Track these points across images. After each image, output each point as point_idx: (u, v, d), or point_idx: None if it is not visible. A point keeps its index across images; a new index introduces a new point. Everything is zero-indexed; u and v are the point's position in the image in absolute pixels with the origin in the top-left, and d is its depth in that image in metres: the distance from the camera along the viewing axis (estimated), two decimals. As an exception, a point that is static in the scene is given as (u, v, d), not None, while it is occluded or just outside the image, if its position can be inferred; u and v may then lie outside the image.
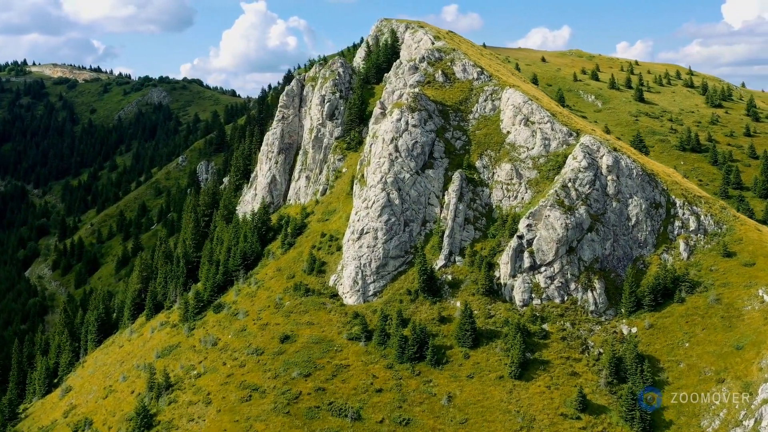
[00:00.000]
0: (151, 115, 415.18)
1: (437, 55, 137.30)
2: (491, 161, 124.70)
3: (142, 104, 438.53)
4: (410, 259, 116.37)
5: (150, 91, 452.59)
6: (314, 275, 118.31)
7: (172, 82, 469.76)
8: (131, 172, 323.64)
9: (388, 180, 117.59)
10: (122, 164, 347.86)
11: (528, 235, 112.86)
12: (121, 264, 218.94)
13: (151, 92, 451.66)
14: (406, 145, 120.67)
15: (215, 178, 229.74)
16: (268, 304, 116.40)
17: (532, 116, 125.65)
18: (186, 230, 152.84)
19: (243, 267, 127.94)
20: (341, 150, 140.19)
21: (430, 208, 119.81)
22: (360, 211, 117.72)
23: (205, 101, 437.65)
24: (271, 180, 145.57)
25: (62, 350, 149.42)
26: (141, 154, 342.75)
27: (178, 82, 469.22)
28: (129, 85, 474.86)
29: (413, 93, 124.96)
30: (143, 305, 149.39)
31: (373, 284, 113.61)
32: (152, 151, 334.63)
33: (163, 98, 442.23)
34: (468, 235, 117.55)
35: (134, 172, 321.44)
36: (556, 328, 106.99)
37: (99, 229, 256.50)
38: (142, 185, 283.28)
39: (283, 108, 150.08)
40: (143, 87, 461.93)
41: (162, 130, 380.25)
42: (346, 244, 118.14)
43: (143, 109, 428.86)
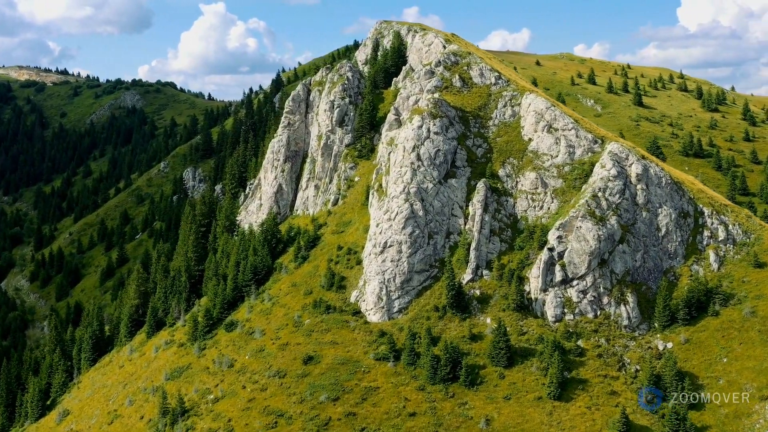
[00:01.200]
0: (125, 119, 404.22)
1: (453, 59, 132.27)
2: (514, 170, 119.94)
3: (115, 108, 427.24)
4: (435, 273, 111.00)
5: (123, 95, 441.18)
6: (334, 291, 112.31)
7: (145, 85, 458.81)
8: (108, 179, 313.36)
9: (411, 190, 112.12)
10: (98, 170, 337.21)
11: (559, 247, 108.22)
12: (105, 275, 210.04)
13: (123, 95, 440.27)
14: (429, 154, 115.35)
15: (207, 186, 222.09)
16: (286, 323, 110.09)
17: (556, 123, 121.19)
18: (186, 242, 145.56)
19: (254, 282, 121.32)
20: (352, 158, 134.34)
21: (454, 220, 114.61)
22: (382, 223, 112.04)
23: (181, 105, 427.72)
24: (278, 189, 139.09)
25: (54, 370, 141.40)
26: (118, 160, 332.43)
27: (152, 85, 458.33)
28: (100, 88, 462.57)
29: (433, 99, 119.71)
30: (141, 321, 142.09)
31: (397, 300, 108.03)
32: (130, 156, 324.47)
33: (136, 102, 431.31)
34: (494, 248, 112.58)
35: (112, 178, 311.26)
36: (591, 345, 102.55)
37: (79, 238, 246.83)
38: (123, 192, 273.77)
39: (288, 114, 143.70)
40: (115, 90, 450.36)
41: (138, 134, 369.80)
42: (367, 257, 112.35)
43: (116, 113, 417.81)
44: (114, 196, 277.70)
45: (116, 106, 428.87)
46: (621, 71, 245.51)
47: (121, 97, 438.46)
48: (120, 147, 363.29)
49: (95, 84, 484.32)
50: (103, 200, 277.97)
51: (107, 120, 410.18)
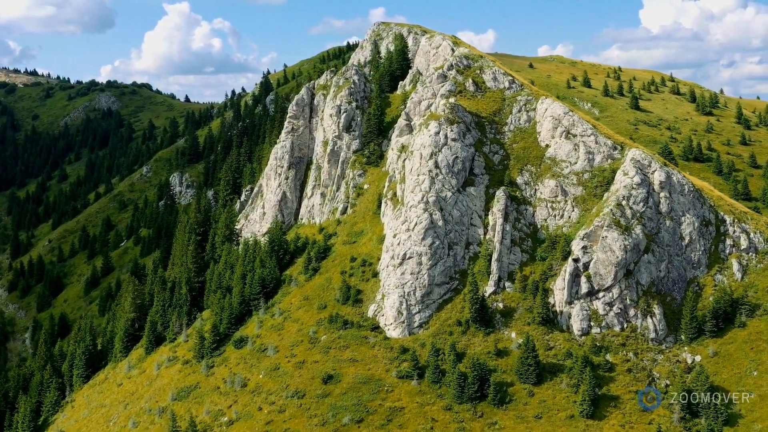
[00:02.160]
0: (100, 122, 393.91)
1: (465, 63, 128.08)
2: (532, 177, 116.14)
3: (90, 110, 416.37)
4: (455, 285, 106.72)
5: (97, 96, 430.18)
6: (350, 305, 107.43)
7: (120, 86, 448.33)
8: (86, 183, 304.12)
9: (430, 199, 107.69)
10: (74, 174, 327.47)
11: (584, 258, 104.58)
12: (90, 285, 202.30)
13: (98, 97, 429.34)
14: (447, 161, 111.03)
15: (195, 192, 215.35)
16: (301, 339, 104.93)
17: (574, 128, 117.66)
18: (184, 252, 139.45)
19: (263, 295, 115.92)
20: (360, 164, 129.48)
21: (473, 229, 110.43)
22: (400, 234, 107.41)
23: (158, 107, 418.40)
24: (282, 197, 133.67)
25: (46, 387, 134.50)
26: (96, 164, 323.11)
27: (127, 87, 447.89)
28: (74, 90, 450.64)
29: (450, 104, 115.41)
30: (137, 336, 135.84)
31: (418, 315, 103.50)
32: (109, 160, 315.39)
33: (112, 103, 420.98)
34: (515, 258, 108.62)
35: (90, 182, 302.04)
36: (619, 359, 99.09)
37: (59, 245, 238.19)
38: (104, 198, 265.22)
39: (292, 119, 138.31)
40: (90, 92, 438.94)
41: (115, 137, 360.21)
42: (384, 270, 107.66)
43: (91, 115, 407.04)
44: (94, 202, 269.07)
45: (91, 108, 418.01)
46: (613, 74, 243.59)
47: (95, 98, 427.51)
48: (97, 150, 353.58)
49: (68, 85, 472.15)
50: (82, 206, 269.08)
51: (82, 122, 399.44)
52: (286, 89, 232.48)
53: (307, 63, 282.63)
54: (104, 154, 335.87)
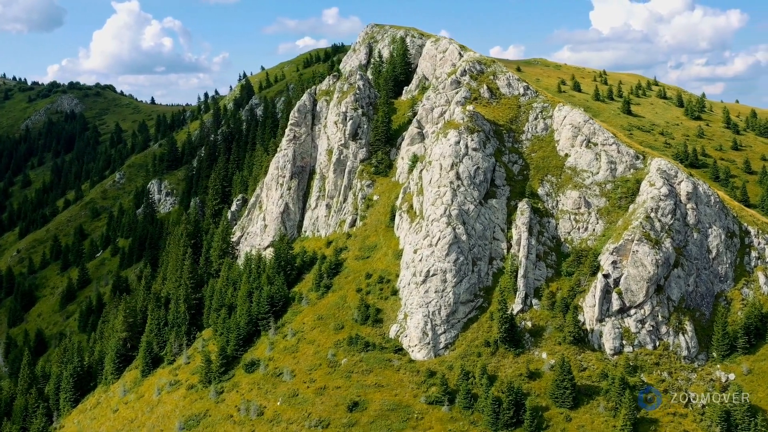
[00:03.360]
0: (63, 125, 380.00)
1: (478, 68, 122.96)
2: (553, 188, 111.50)
3: (52, 112, 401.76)
4: (480, 303, 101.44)
5: (59, 98, 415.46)
6: (369, 325, 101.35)
7: (83, 88, 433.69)
8: (53, 189, 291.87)
9: (452, 212, 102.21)
10: (39, 180, 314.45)
11: (614, 273, 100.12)
12: (66, 298, 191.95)
13: (60, 99, 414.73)
14: (468, 172, 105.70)
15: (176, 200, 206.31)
16: (319, 362, 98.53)
17: (595, 137, 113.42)
18: (179, 267, 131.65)
19: (272, 314, 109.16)
20: (369, 174, 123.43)
21: (496, 243, 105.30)
22: (421, 250, 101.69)
23: (123, 109, 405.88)
24: (284, 209, 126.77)
25: (31, 413, 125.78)
26: (62, 169, 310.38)
27: (91, 89, 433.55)
28: (34, 92, 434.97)
29: (469, 112, 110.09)
30: (130, 356, 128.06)
31: (444, 335, 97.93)
32: (77, 165, 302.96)
33: (75, 106, 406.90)
34: (540, 274, 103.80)
35: (57, 189, 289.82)
36: (654, 380, 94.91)
37: (29, 256, 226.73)
38: (74, 205, 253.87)
39: (294, 126, 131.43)
40: (51, 93, 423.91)
41: (81, 141, 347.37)
42: (405, 288, 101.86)
43: (54, 118, 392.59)
44: (64, 209, 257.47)
45: (53, 110, 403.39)
46: (599, 78, 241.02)
47: (57, 101, 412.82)
48: (63, 155, 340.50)
49: (27, 87, 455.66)
50: (51, 213, 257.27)
51: (44, 125, 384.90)
52: (271, 93, 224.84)
53: (288, 65, 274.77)
54: (70, 158, 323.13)
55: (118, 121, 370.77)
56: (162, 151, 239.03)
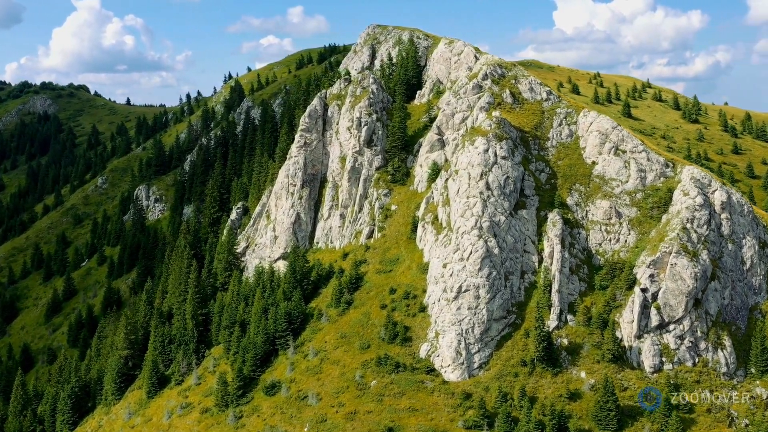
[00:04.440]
0: (37, 126, 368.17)
1: (500, 72, 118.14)
2: (582, 197, 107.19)
3: (24, 113, 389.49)
4: (513, 320, 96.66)
5: (31, 99, 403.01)
6: (398, 344, 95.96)
7: (57, 88, 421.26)
8: (29, 194, 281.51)
9: (484, 225, 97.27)
10: (13, 184, 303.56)
11: (651, 287, 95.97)
12: (51, 310, 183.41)
13: (32, 100, 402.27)
14: (498, 182, 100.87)
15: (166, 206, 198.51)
16: (346, 384, 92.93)
17: (623, 144, 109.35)
18: (183, 281, 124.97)
19: (290, 332, 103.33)
20: (385, 183, 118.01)
21: (527, 256, 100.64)
22: (452, 264, 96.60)
23: (99, 110, 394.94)
24: (296, 219, 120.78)
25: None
26: (38, 173, 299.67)
27: (64, 89, 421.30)
28: (4, 92, 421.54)
29: (497, 118, 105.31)
30: (132, 376, 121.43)
31: (477, 354, 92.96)
32: (54, 169, 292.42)
33: (48, 107, 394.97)
34: (574, 288, 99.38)
35: (34, 193, 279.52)
36: (696, 398, 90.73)
37: (9, 265, 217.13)
38: (54, 211, 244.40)
39: (304, 132, 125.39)
40: (23, 94, 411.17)
41: (57, 143, 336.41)
42: (435, 304, 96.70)
43: (26, 119, 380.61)
44: (43, 215, 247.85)
45: (25, 111, 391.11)
46: (595, 80, 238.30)
47: (29, 101, 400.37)
48: (39, 158, 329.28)
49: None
50: (30, 220, 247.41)
51: (15, 127, 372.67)
52: (265, 95, 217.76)
53: (278, 66, 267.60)
54: (47, 162, 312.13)
55: (95, 122, 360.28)
56: (148, 155, 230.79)
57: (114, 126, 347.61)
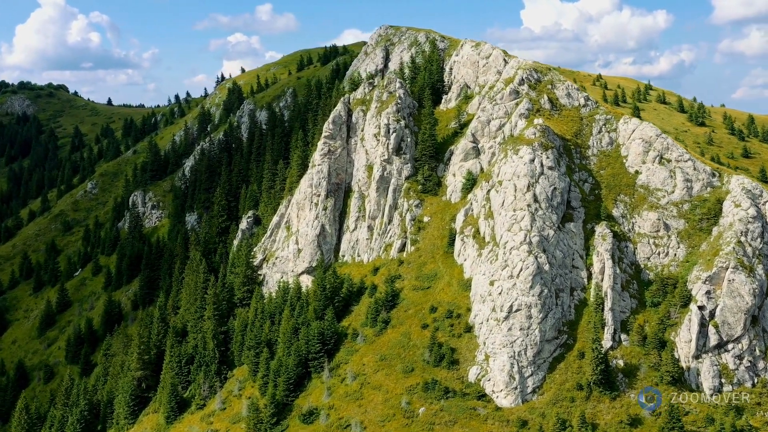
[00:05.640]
0: (15, 128, 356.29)
1: (536, 77, 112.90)
2: (627, 209, 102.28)
3: (2, 114, 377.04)
4: (564, 340, 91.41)
5: (8, 99, 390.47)
6: (444, 368, 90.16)
7: (35, 88, 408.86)
8: (12, 199, 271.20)
9: (533, 239, 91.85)
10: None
11: (709, 304, 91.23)
12: (45, 323, 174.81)
13: (10, 100, 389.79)
14: (545, 194, 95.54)
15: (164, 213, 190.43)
16: (392, 412, 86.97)
17: (668, 153, 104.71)
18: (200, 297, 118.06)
19: (324, 353, 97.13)
20: (416, 193, 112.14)
21: (576, 272, 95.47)
22: (500, 282, 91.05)
23: (80, 111, 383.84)
24: (320, 231, 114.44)
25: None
26: (20, 176, 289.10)
27: (43, 89, 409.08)
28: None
29: (540, 126, 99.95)
30: (145, 398, 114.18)
31: (531, 378, 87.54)
32: (38, 173, 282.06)
33: (27, 107, 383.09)
34: (625, 305, 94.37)
35: (17, 198, 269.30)
36: (759, 422, 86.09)
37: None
38: (41, 217, 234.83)
39: (328, 139, 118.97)
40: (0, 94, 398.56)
41: (38, 146, 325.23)
42: (484, 324, 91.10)
43: (4, 120, 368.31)
44: (29, 222, 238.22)
45: (3, 112, 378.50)
46: (599, 82, 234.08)
47: (7, 102, 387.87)
48: (21, 160, 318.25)
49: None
50: (15, 226, 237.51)
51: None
52: (267, 97, 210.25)
53: (275, 67, 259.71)
54: (30, 165, 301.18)
55: (77, 124, 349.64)
56: (142, 159, 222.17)
57: (98, 127, 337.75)
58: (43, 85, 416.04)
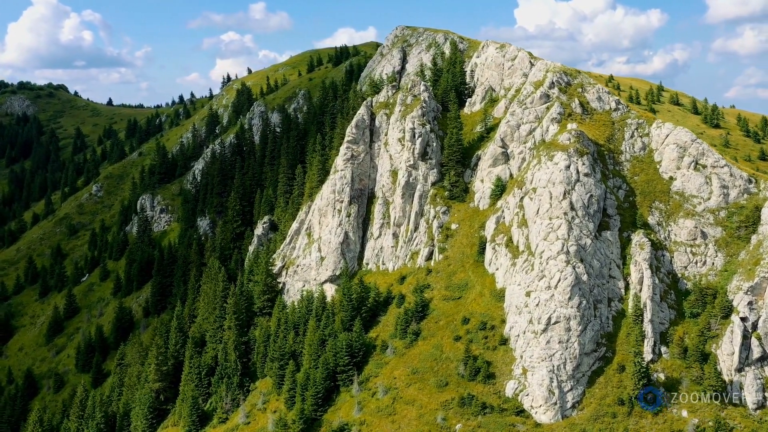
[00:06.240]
0: (15, 128, 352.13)
1: (566, 80, 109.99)
2: (663, 216, 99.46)
3: (1, 115, 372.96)
4: (603, 353, 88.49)
5: (8, 99, 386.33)
6: (480, 382, 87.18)
7: (35, 88, 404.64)
8: (14, 201, 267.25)
9: (570, 249, 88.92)
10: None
11: (751, 316, 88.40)
12: (53, 330, 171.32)
13: (9, 100, 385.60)
14: (582, 201, 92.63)
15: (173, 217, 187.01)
16: (427, 428, 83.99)
17: (704, 158, 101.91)
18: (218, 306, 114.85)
19: (353, 366, 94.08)
20: (443, 199, 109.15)
21: (612, 282, 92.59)
22: (537, 293, 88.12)
23: (80, 111, 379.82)
24: (344, 239, 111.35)
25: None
26: (22, 178, 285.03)
27: (43, 89, 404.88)
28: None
29: (575, 131, 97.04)
30: (164, 411, 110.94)
31: (570, 393, 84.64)
32: (41, 175, 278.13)
33: (26, 108, 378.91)
34: (664, 316, 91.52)
35: (19, 201, 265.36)
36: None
37: (1, 280, 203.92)
38: (45, 220, 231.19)
39: (351, 144, 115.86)
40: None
41: (39, 147, 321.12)
42: (520, 336, 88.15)
43: (4, 121, 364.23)
44: (33, 225, 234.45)
45: (2, 112, 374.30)
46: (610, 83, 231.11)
47: (6, 102, 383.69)
48: (22, 162, 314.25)
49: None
50: (19, 230, 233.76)
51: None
52: (278, 99, 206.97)
53: (283, 68, 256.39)
54: (32, 167, 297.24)
55: (78, 125, 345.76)
56: (148, 161, 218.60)
57: (99, 128, 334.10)
58: (42, 85, 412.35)
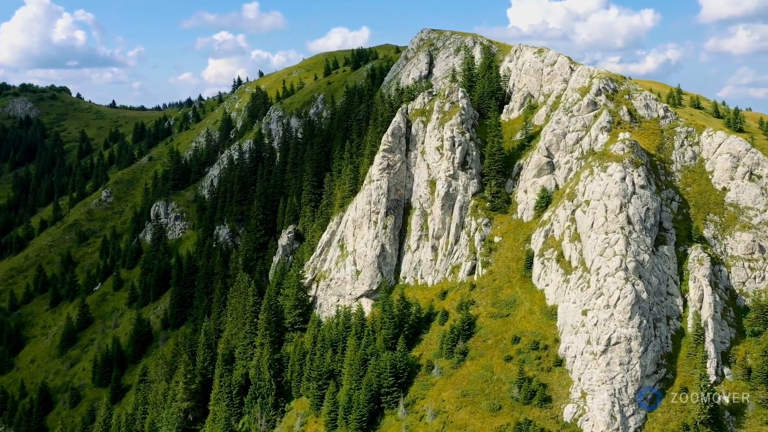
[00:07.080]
0: (18, 131, 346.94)
1: (612, 86, 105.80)
2: (718, 229, 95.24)
3: (3, 117, 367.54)
4: (664, 374, 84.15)
5: (10, 102, 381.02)
6: (536, 406, 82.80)
7: (37, 90, 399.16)
8: (19, 207, 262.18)
9: (629, 265, 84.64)
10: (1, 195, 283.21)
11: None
12: (66, 341, 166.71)
13: (11, 103, 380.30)
14: (639, 215, 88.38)
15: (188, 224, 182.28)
16: (483, 456, 79.52)
17: (758, 168, 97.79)
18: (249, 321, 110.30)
19: (398, 388, 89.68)
20: (484, 211, 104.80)
21: (670, 299, 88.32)
22: (594, 311, 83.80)
23: (84, 114, 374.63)
24: (381, 251, 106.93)
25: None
26: (27, 183, 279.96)
27: (45, 91, 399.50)
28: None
29: (628, 141, 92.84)
30: (193, 431, 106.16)
31: (632, 417, 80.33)
32: (47, 180, 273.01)
33: (29, 110, 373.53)
34: (725, 335, 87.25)
35: (25, 206, 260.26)
36: None
37: (10, 288, 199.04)
38: (53, 227, 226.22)
39: (387, 153, 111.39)
40: (0, 96, 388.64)
41: (44, 151, 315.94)
42: (577, 357, 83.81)
43: (6, 124, 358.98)
44: (41, 232, 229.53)
45: (5, 115, 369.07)
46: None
47: (8, 104, 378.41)
48: (27, 165, 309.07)
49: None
50: (27, 236, 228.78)
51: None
52: (296, 103, 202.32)
53: (297, 71, 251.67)
54: (37, 171, 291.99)
55: (82, 128, 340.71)
56: (159, 166, 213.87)
57: (104, 131, 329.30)
58: (45, 87, 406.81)
